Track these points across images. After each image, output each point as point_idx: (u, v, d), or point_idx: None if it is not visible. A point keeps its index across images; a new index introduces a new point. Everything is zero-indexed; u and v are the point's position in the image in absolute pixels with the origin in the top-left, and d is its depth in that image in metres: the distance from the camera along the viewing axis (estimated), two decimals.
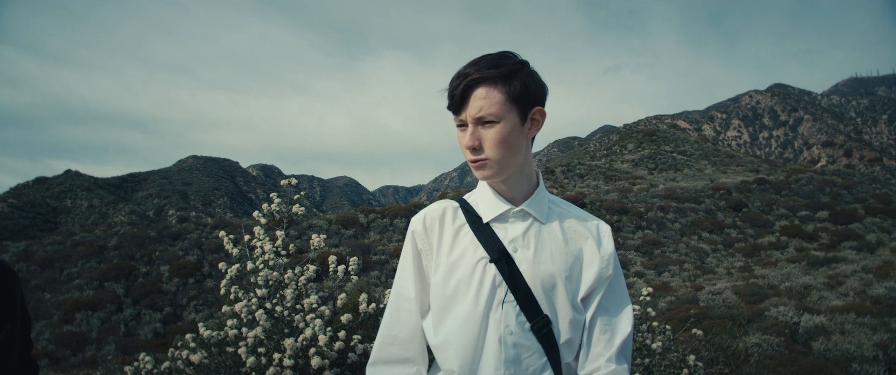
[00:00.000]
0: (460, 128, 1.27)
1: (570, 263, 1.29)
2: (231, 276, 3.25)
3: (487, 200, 1.34)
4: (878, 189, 28.17)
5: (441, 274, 1.32)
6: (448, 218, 1.36)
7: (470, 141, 1.24)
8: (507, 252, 1.28)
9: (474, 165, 1.27)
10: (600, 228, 1.35)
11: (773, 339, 6.96)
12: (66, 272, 18.93)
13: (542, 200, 1.34)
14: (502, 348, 1.24)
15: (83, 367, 10.95)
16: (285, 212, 3.52)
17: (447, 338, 1.29)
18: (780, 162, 63.23)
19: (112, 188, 74.67)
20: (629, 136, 54.27)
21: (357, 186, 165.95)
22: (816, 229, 21.59)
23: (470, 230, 1.33)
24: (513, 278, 1.26)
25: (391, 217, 22.79)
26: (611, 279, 1.31)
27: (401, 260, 1.41)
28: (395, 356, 1.36)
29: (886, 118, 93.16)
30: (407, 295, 1.37)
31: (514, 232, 1.31)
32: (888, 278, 10.85)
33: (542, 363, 1.25)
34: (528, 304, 1.25)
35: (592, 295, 1.30)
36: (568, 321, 1.27)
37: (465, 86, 1.22)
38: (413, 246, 1.37)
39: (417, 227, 1.37)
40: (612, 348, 1.28)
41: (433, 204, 1.41)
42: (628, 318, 1.32)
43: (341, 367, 3.15)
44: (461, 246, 1.32)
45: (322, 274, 3.77)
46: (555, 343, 1.26)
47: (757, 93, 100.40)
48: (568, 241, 1.31)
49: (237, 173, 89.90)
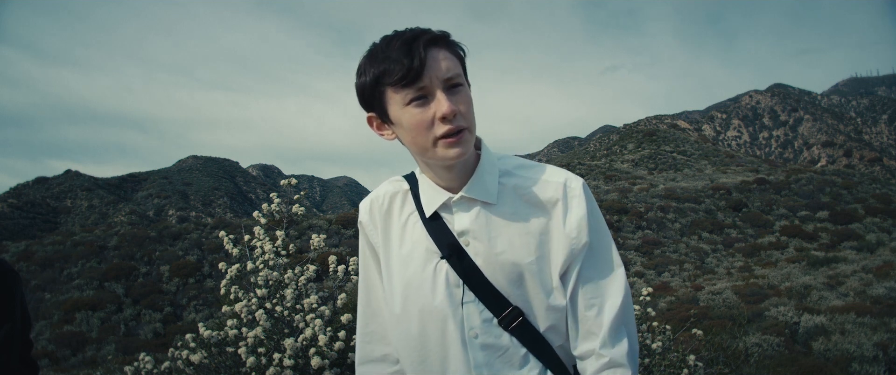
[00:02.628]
0: (415, 102, 1.04)
1: (536, 243, 1.10)
2: (231, 276, 3.25)
3: (427, 190, 1.16)
4: (878, 189, 28.18)
5: (393, 270, 1.18)
6: (396, 207, 1.20)
7: (450, 105, 1.03)
8: (459, 246, 1.11)
9: (452, 141, 1.05)
10: (568, 187, 1.13)
11: (773, 339, 6.97)
12: (66, 272, 18.93)
13: (487, 177, 1.13)
14: (467, 352, 1.10)
15: (83, 367, 10.95)
16: (285, 212, 3.52)
17: (403, 345, 1.17)
18: (780, 162, 63.24)
19: (112, 188, 74.69)
20: (629, 136, 54.29)
21: (357, 186, 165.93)
22: (816, 229, 21.59)
23: (419, 220, 1.16)
24: (469, 275, 1.10)
25: None
26: (587, 246, 1.11)
27: (360, 251, 1.27)
28: (378, 353, 1.25)
29: (886, 118, 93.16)
30: (374, 288, 1.25)
31: (462, 223, 1.12)
32: (888, 278, 10.85)
33: (521, 355, 1.10)
34: (493, 300, 1.10)
35: (570, 272, 1.12)
36: (544, 308, 1.10)
37: (425, 46, 1.02)
38: (365, 239, 1.23)
39: (364, 218, 1.22)
40: (602, 326, 1.10)
41: (381, 185, 1.24)
42: (618, 285, 1.12)
43: (341, 367, 3.15)
44: (411, 239, 1.16)
45: (322, 274, 3.76)
46: (534, 332, 1.11)
47: (757, 93, 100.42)
48: (528, 219, 1.11)
49: (237, 173, 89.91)
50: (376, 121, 1.14)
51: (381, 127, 1.14)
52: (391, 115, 1.09)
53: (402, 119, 1.07)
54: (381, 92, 1.07)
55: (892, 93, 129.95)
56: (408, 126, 1.06)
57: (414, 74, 1.02)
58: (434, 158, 1.09)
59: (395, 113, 1.07)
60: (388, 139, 1.14)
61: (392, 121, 1.10)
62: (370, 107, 1.13)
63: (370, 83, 1.07)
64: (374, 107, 1.11)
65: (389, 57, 1.03)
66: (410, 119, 1.05)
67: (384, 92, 1.06)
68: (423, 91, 1.04)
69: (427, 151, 1.08)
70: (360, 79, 1.10)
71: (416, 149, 1.10)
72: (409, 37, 1.03)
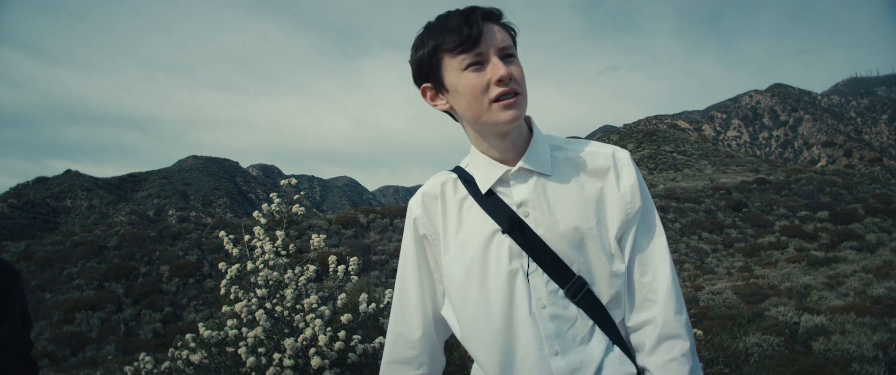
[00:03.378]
0: (473, 67, 1.09)
1: (594, 209, 1.13)
2: (231, 276, 3.25)
3: (481, 166, 1.18)
4: (878, 189, 28.18)
5: (452, 256, 1.18)
6: (449, 194, 1.21)
7: (506, 69, 1.07)
8: (519, 218, 1.13)
9: (507, 103, 1.09)
10: (617, 156, 1.17)
11: (773, 339, 6.96)
12: (66, 272, 18.93)
13: (540, 150, 1.17)
14: (537, 323, 1.11)
15: (83, 367, 10.94)
16: (285, 212, 3.52)
17: (471, 328, 1.16)
18: (780, 162, 63.23)
19: (112, 188, 74.69)
20: (629, 136, 54.31)
21: (357, 186, 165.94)
22: (816, 229, 21.59)
23: (474, 202, 1.18)
24: (531, 246, 1.11)
25: (391, 217, 22.79)
26: (640, 211, 1.15)
27: (402, 249, 1.28)
28: (403, 355, 1.26)
29: (886, 118, 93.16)
30: (410, 289, 1.26)
31: (520, 194, 1.15)
32: (888, 278, 10.84)
33: (588, 327, 1.11)
34: (557, 270, 1.11)
35: (625, 237, 1.15)
36: (607, 275, 1.12)
37: (482, 18, 1.09)
38: (414, 234, 1.24)
39: (417, 211, 1.23)
40: (657, 293, 1.12)
41: (429, 180, 1.26)
42: (666, 252, 1.15)
43: (341, 367, 3.15)
44: (468, 223, 1.18)
45: (322, 274, 3.76)
46: (599, 305, 1.12)
47: (757, 93, 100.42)
48: (583, 186, 1.15)
49: (237, 173, 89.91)
50: (430, 92, 1.18)
51: (435, 97, 1.18)
52: (447, 82, 1.13)
53: (458, 84, 1.11)
54: (439, 60, 1.12)
55: (892, 93, 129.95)
56: (464, 90, 1.10)
57: (472, 41, 1.07)
58: (489, 122, 1.11)
59: (451, 79, 1.12)
60: (441, 108, 1.18)
61: (447, 89, 1.14)
62: (426, 78, 1.16)
63: (428, 53, 1.12)
64: (429, 76, 1.15)
65: (447, 27, 1.09)
66: (467, 83, 1.09)
67: (442, 59, 1.11)
68: (480, 57, 1.08)
69: (482, 115, 1.11)
70: (417, 52, 1.15)
71: (472, 114, 1.12)
72: (466, 10, 1.09)
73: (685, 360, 1.10)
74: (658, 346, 1.11)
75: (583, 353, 1.11)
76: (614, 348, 1.13)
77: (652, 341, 1.11)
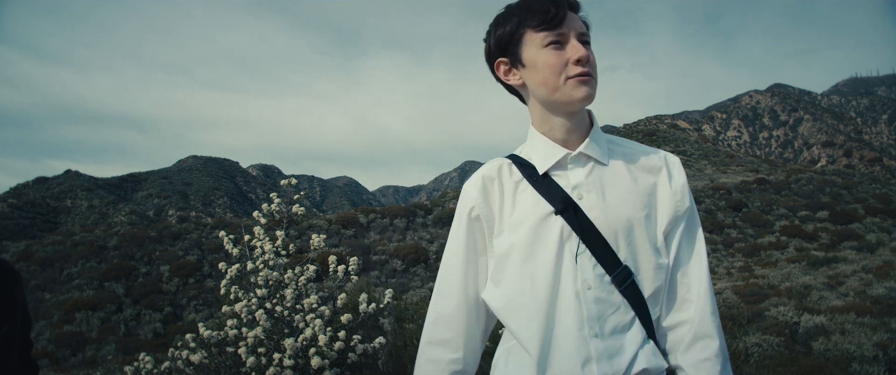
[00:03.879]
0: (553, 45, 1.14)
1: (645, 201, 1.17)
2: (231, 276, 3.25)
3: (540, 149, 1.21)
4: (878, 189, 28.18)
5: (504, 237, 1.20)
6: (505, 176, 1.23)
7: (584, 50, 1.12)
8: (573, 200, 1.16)
9: (582, 80, 1.13)
10: (668, 159, 1.23)
11: (773, 339, 6.96)
12: (66, 272, 18.94)
13: (599, 140, 1.21)
14: (581, 304, 1.13)
15: (83, 367, 10.94)
16: (285, 212, 3.52)
17: (515, 300, 1.17)
18: (780, 162, 63.25)
19: (112, 188, 74.73)
20: (629, 136, 54.28)
21: (357, 186, 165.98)
22: (816, 229, 21.59)
23: (528, 184, 1.20)
24: (583, 228, 1.14)
25: (391, 217, 22.79)
26: (688, 211, 1.20)
27: (452, 230, 1.27)
28: (440, 336, 1.25)
29: (886, 118, 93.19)
30: (456, 269, 1.25)
31: (576, 178, 1.18)
32: (888, 278, 10.84)
33: (629, 318, 1.14)
34: (605, 255, 1.13)
35: (671, 234, 1.19)
36: (652, 268, 1.15)
37: (568, 3, 1.15)
38: (468, 216, 1.24)
39: (474, 194, 1.23)
40: (693, 292, 1.17)
41: (484, 165, 1.28)
42: (705, 256, 1.19)
43: (341, 367, 3.15)
44: (522, 204, 1.20)
45: (322, 274, 3.77)
46: (641, 296, 1.14)
47: (757, 93, 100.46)
48: (636, 179, 1.19)
49: (237, 173, 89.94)
50: (505, 66, 1.22)
51: (508, 72, 1.22)
52: (525, 57, 1.17)
53: (537, 60, 1.15)
54: (521, 34, 1.16)
55: (892, 93, 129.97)
56: (542, 66, 1.15)
57: (557, 20, 1.13)
58: (562, 98, 1.15)
59: (530, 54, 1.16)
60: (513, 83, 1.22)
61: (524, 64, 1.18)
62: (503, 52, 1.21)
63: (512, 28, 1.17)
64: (507, 51, 1.20)
65: (532, 6, 1.14)
66: (546, 59, 1.14)
67: (524, 34, 1.16)
68: (561, 37, 1.14)
69: (557, 90, 1.15)
70: (500, 27, 1.19)
71: (546, 89, 1.16)
72: None
73: (718, 360, 1.13)
74: (693, 345, 1.14)
75: (621, 340, 1.13)
76: (649, 341, 1.15)
77: (687, 340, 1.15)
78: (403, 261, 18.10)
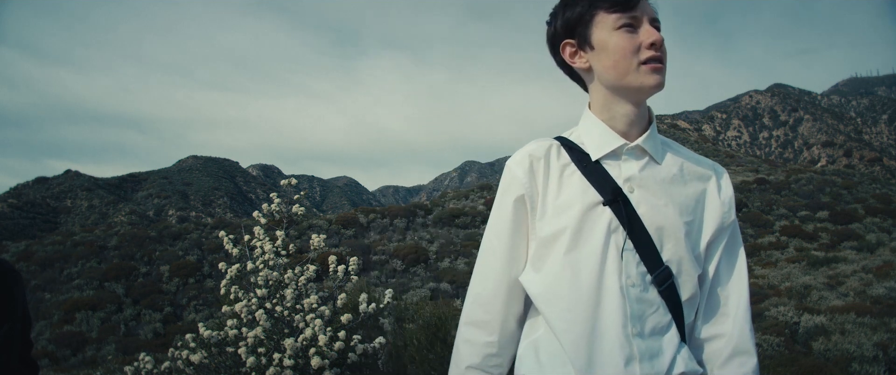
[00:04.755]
0: (625, 28, 1.09)
1: (692, 207, 1.15)
2: (231, 276, 3.25)
3: (596, 135, 1.16)
4: (878, 189, 28.19)
5: (547, 220, 1.15)
6: (553, 157, 1.17)
7: (658, 35, 1.09)
8: (623, 193, 1.12)
9: (655, 67, 1.09)
10: (717, 169, 1.21)
11: (773, 339, 6.96)
12: (66, 272, 18.94)
13: (656, 138, 1.18)
14: (626, 301, 1.09)
15: (83, 367, 10.94)
16: (285, 212, 3.52)
17: (555, 288, 1.12)
18: (780, 162, 63.24)
19: (112, 188, 74.73)
20: None
21: (357, 186, 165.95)
22: (816, 229, 21.59)
23: (577, 169, 1.15)
24: (631, 222, 1.10)
25: (391, 217, 22.79)
26: (733, 224, 1.18)
27: (494, 209, 1.22)
28: (478, 317, 1.21)
29: (886, 118, 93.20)
30: (496, 249, 1.20)
31: (629, 170, 1.14)
32: (888, 278, 10.84)
33: (666, 321, 1.11)
34: (649, 253, 1.10)
35: (714, 244, 1.16)
36: (691, 273, 1.12)
37: None
38: (513, 196, 1.18)
39: (519, 171, 1.17)
40: (731, 306, 1.16)
41: (531, 142, 1.21)
42: (744, 267, 1.18)
43: (341, 367, 3.15)
44: (568, 189, 1.15)
45: (322, 274, 3.77)
46: (678, 300, 1.11)
47: (757, 93, 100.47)
48: (687, 183, 1.16)
49: (237, 173, 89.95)
50: (571, 48, 1.17)
51: (574, 54, 1.18)
52: (595, 39, 1.12)
53: (608, 42, 1.11)
54: (592, 15, 1.12)
55: (892, 93, 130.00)
56: (614, 49, 1.10)
57: (632, 3, 1.09)
58: (633, 83, 1.11)
59: (601, 36, 1.12)
60: (579, 65, 1.18)
61: (593, 46, 1.13)
62: (571, 34, 1.16)
63: (583, 8, 1.12)
64: (576, 32, 1.15)
65: None
66: (618, 42, 1.10)
67: (595, 15, 1.12)
68: (634, 20, 1.10)
69: (628, 74, 1.10)
70: (568, 8, 1.15)
71: (616, 73, 1.11)
72: None
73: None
74: (731, 360, 1.14)
75: (660, 342, 1.10)
76: (684, 345, 1.13)
77: (726, 354, 1.14)
78: (403, 261, 18.10)
